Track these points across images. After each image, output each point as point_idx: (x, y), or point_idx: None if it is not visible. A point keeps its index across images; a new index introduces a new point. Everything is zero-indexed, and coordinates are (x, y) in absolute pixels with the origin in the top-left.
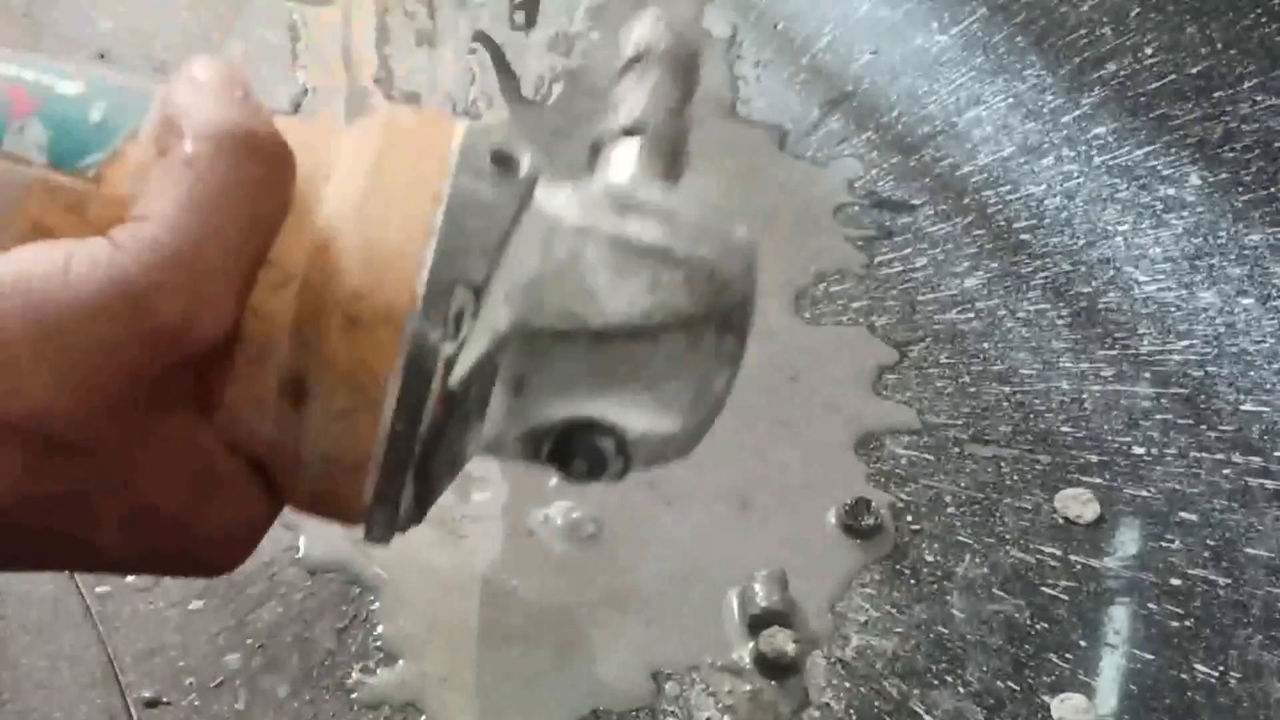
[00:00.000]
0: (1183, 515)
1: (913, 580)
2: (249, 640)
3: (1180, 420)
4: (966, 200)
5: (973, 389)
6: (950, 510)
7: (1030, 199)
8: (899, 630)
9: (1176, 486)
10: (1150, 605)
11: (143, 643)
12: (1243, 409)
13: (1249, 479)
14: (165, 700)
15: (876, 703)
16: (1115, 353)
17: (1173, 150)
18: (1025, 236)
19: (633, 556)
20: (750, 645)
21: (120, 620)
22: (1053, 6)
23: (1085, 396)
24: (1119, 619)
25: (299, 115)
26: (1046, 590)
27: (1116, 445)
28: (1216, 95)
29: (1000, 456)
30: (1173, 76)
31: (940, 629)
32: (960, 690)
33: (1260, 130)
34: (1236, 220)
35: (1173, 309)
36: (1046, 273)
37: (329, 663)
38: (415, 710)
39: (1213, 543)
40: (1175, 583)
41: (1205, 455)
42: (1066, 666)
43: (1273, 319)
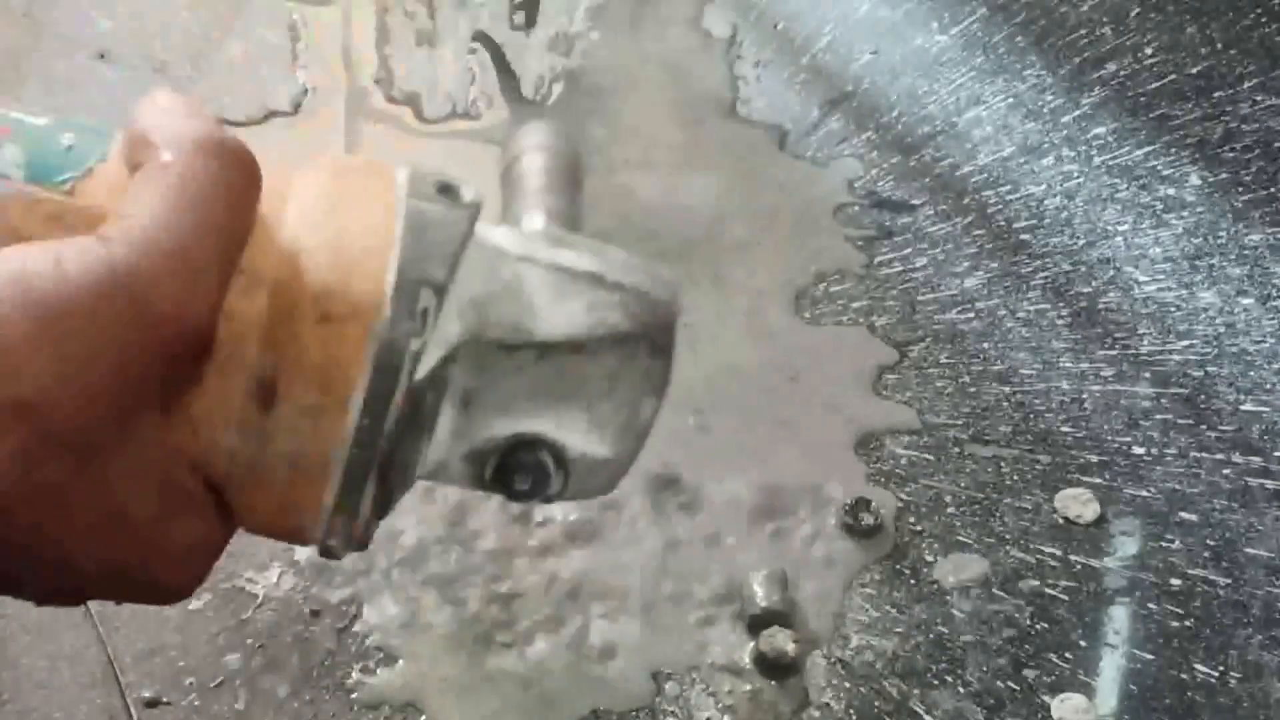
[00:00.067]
0: (1183, 515)
1: (913, 580)
2: (249, 640)
3: (1180, 420)
4: (966, 200)
5: (973, 389)
6: (950, 510)
7: (1030, 199)
8: (899, 630)
9: (1176, 486)
10: (1150, 605)
11: (143, 643)
12: (1243, 409)
13: (1249, 479)
14: (165, 700)
15: (876, 703)
16: (1115, 353)
17: (1173, 150)
18: (1025, 236)
19: (633, 557)
20: (750, 645)
21: (120, 620)
22: (1053, 6)
23: (1085, 396)
24: (1119, 619)
25: (299, 115)
26: (1047, 590)
27: (1116, 445)
28: (1216, 95)
29: (1000, 456)
30: (1173, 76)
31: (940, 629)
32: (960, 690)
33: (1260, 130)
34: (1236, 220)
35: (1173, 309)
36: (1046, 273)
37: (329, 663)
38: (415, 710)
39: (1213, 543)
40: (1175, 583)
41: (1205, 455)
42: (1066, 666)
43: (1273, 319)
